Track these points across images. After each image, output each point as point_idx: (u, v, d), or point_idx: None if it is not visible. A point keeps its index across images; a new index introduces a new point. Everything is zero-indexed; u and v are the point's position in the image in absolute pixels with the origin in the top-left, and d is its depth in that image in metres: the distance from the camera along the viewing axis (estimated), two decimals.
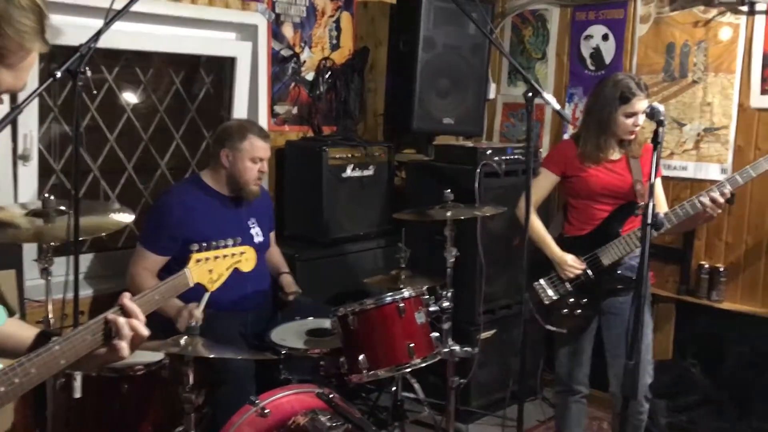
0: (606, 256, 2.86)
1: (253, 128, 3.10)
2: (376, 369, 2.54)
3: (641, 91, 2.78)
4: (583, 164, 2.88)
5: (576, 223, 2.97)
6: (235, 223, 3.08)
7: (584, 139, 2.89)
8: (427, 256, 3.31)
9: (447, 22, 3.87)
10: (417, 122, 3.86)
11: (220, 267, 1.74)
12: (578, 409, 3.10)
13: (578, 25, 4.11)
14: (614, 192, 2.87)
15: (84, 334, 1.36)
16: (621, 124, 2.80)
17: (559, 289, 2.96)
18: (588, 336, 3.00)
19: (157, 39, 3.38)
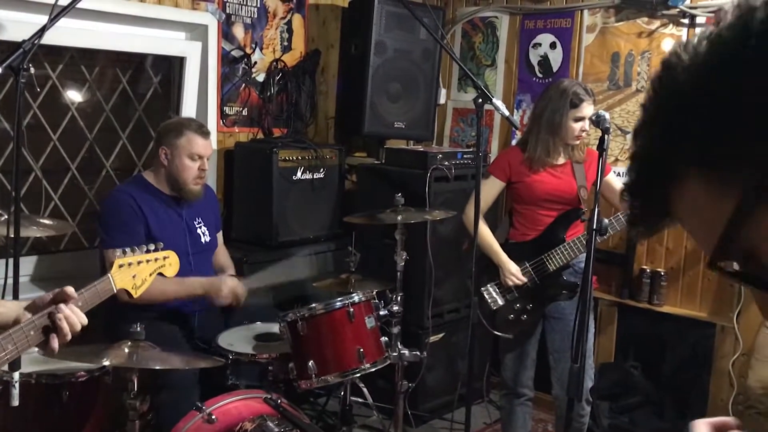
0: (551, 262, 2.90)
1: (192, 125, 3.02)
2: (325, 374, 2.53)
3: (589, 96, 2.84)
4: (530, 170, 2.91)
5: (521, 229, 3.00)
6: (180, 223, 3.03)
7: (533, 144, 2.90)
8: (376, 260, 3.31)
9: (398, 26, 3.89)
10: (368, 126, 3.88)
11: (144, 272, 1.73)
12: (523, 412, 3.14)
13: (527, 33, 4.18)
14: (559, 197, 2.91)
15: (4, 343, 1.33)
16: (569, 129, 2.84)
17: (506, 295, 2.99)
18: (533, 340, 3.05)
19: (104, 37, 3.31)
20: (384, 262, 3.18)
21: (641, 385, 3.63)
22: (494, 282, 2.99)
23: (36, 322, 1.35)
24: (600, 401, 3.58)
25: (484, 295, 3.00)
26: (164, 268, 1.78)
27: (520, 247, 2.98)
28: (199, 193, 3.04)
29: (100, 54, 3.45)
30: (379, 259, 3.28)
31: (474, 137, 4.35)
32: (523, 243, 2.98)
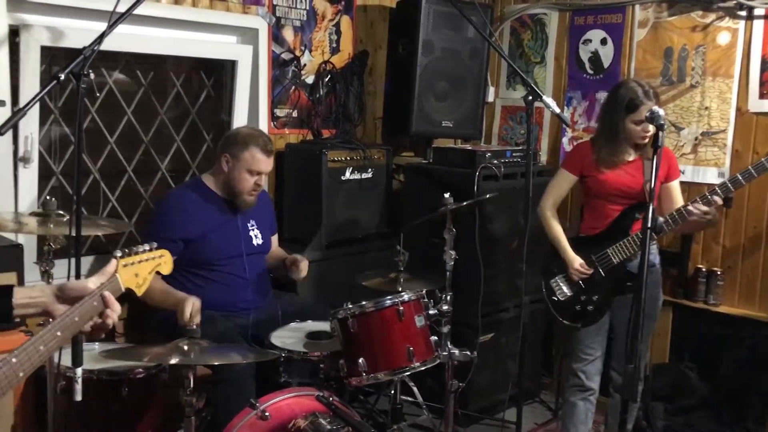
0: (616, 255, 2.92)
1: (259, 140, 3.04)
2: (375, 372, 2.54)
3: (649, 99, 2.82)
4: (599, 167, 2.96)
5: (590, 222, 3.05)
6: (233, 226, 3.09)
7: (598, 146, 2.97)
8: (425, 259, 3.31)
9: (446, 25, 3.89)
10: (416, 125, 3.88)
11: (144, 271, 1.77)
12: (586, 408, 3.12)
13: (577, 30, 4.13)
14: (625, 192, 2.93)
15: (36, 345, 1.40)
16: (631, 131, 2.86)
17: (572, 287, 3.03)
18: (602, 333, 3.04)
19: (159, 42, 3.39)
20: (432, 262, 3.18)
21: (697, 386, 3.55)
22: (563, 273, 3.04)
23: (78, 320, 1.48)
24: (654, 402, 3.51)
25: (551, 286, 3.06)
26: (160, 267, 1.82)
27: (588, 241, 3.02)
28: (253, 203, 3.10)
29: (155, 59, 3.54)
30: (427, 258, 3.28)
31: (523, 135, 4.34)
32: (591, 236, 3.02)
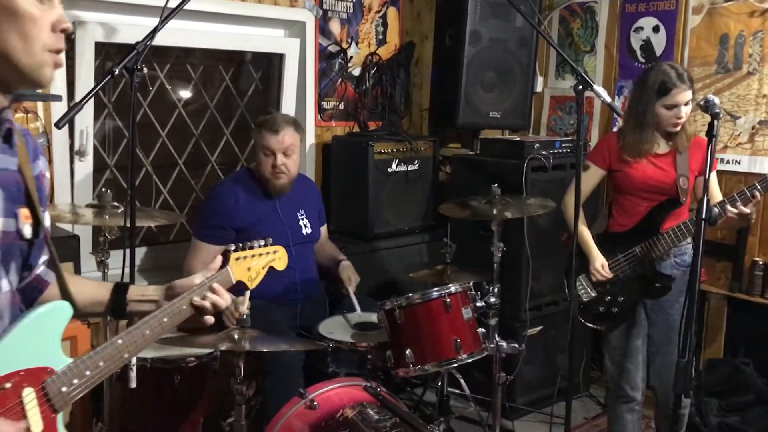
0: (644, 254, 2.79)
1: (267, 122, 3.05)
2: (422, 363, 2.54)
3: (682, 82, 2.66)
4: (626, 158, 2.80)
5: (619, 219, 2.90)
6: (282, 215, 3.11)
7: (624, 132, 2.81)
8: (471, 251, 3.30)
9: (493, 15, 3.84)
10: (463, 116, 3.86)
11: (257, 265, 1.81)
12: (632, 419, 2.97)
13: (628, 17, 4.04)
14: (656, 187, 2.79)
15: (143, 329, 1.46)
16: (662, 117, 2.70)
17: (596, 286, 2.90)
18: (641, 335, 2.91)
19: (209, 36, 3.44)
20: (479, 254, 3.16)
21: (753, 382, 3.45)
22: (586, 272, 2.91)
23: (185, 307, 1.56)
24: (708, 398, 3.43)
25: (576, 286, 2.91)
26: (274, 262, 1.86)
27: (616, 238, 2.88)
28: (283, 187, 3.08)
29: (205, 53, 3.60)
30: (475, 250, 3.27)
31: (572, 125, 4.27)
32: (619, 234, 2.88)
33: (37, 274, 1.46)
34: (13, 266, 1.32)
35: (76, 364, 1.33)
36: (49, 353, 1.31)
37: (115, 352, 1.39)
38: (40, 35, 1.23)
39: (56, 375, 1.31)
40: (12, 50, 1.22)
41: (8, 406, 1.23)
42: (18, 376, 1.25)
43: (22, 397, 1.25)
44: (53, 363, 1.31)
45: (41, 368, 1.29)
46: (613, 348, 2.95)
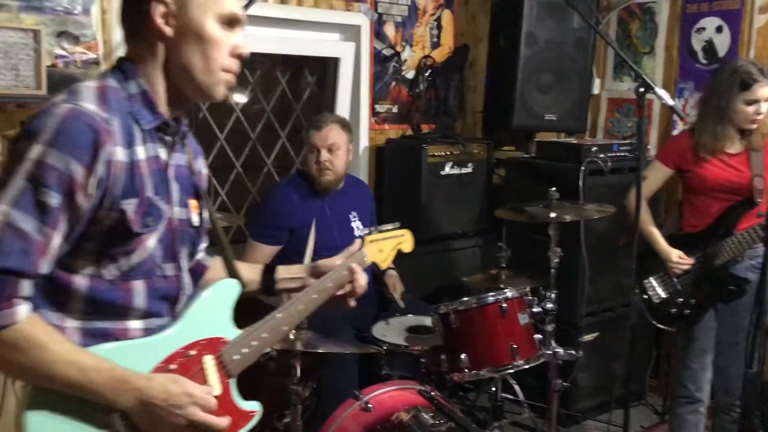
0: (718, 255, 2.74)
1: (314, 119, 3.13)
2: (477, 368, 2.53)
3: (763, 76, 2.62)
4: (699, 157, 2.76)
5: (690, 220, 2.88)
6: (330, 215, 3.12)
7: (699, 129, 2.76)
8: (526, 256, 3.26)
9: (550, 16, 3.80)
10: (518, 119, 3.82)
11: (387, 247, 1.92)
12: (696, 420, 2.92)
13: (689, 18, 3.94)
14: (729, 187, 2.74)
15: (296, 305, 1.64)
16: (741, 113, 2.66)
17: (668, 288, 2.87)
18: (709, 338, 2.85)
19: (266, 41, 3.49)
20: (534, 258, 3.13)
21: None
22: (657, 274, 2.88)
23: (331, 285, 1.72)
24: None
25: (645, 287, 2.91)
26: (402, 245, 1.96)
27: (687, 239, 2.84)
28: (329, 184, 3.10)
29: (263, 57, 3.65)
30: (530, 255, 3.23)
31: (630, 128, 4.18)
32: (690, 234, 2.84)
33: (198, 260, 1.62)
34: (185, 250, 1.49)
35: (244, 336, 1.51)
36: (222, 325, 1.49)
37: (275, 325, 1.58)
38: (220, 57, 1.37)
39: (229, 344, 1.48)
40: (194, 68, 1.37)
41: (193, 371, 1.40)
42: (199, 344, 1.43)
43: (203, 363, 1.43)
44: (226, 334, 1.48)
45: (217, 338, 1.47)
46: (680, 348, 2.92)
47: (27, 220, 1.20)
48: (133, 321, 1.37)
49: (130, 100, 1.35)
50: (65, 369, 1.23)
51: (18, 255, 1.19)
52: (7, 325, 1.19)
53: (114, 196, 1.28)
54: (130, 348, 1.34)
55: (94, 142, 1.24)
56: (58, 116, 1.23)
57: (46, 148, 1.21)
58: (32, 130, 1.23)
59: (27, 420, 1.23)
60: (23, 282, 1.21)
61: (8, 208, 1.20)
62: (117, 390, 1.27)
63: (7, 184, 1.21)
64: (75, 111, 1.24)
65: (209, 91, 1.40)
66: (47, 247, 1.23)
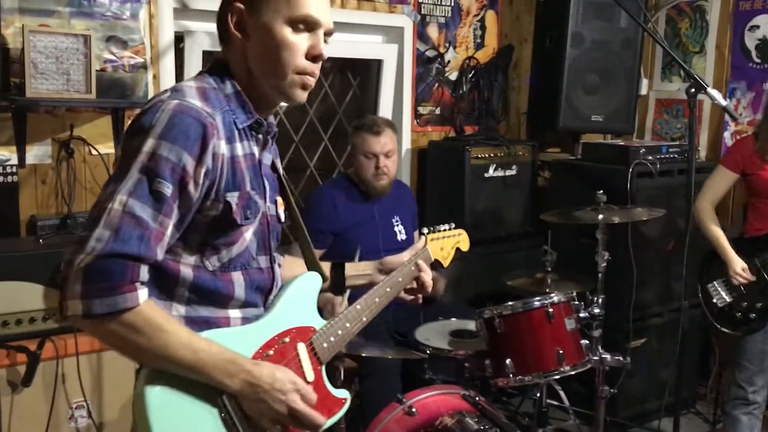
0: None
1: (366, 124, 3.07)
2: (523, 374, 2.49)
3: None
4: (763, 161, 2.77)
5: (755, 223, 2.87)
6: (373, 219, 3.11)
7: (765, 132, 2.77)
8: (572, 260, 3.20)
9: (596, 16, 3.74)
10: (563, 120, 3.76)
11: (447, 245, 1.97)
12: (751, 423, 2.90)
13: (742, 15, 3.83)
14: None
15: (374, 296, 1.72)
16: None
17: (733, 292, 2.86)
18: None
19: None
20: (581, 262, 3.07)
21: None
22: (722, 277, 2.88)
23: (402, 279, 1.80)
24: None
25: (710, 291, 2.92)
26: (460, 243, 2.02)
27: (753, 243, 2.84)
28: (384, 189, 3.08)
29: None
30: (576, 258, 3.17)
31: (679, 129, 4.09)
32: (756, 238, 2.84)
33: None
34: (274, 245, 1.55)
35: (331, 325, 1.58)
36: (310, 315, 1.56)
37: (356, 315, 1.64)
38: (294, 60, 1.40)
39: (318, 333, 1.54)
40: (266, 71, 1.42)
41: (288, 358, 1.46)
42: (292, 332, 1.49)
43: (297, 350, 1.49)
44: (314, 323, 1.55)
45: (307, 327, 1.53)
46: (741, 350, 2.90)
47: (144, 209, 1.26)
48: (232, 310, 1.44)
49: (227, 99, 1.41)
50: (181, 351, 1.27)
51: (137, 241, 1.24)
52: (130, 307, 1.23)
53: (219, 188, 1.35)
54: (231, 334, 1.39)
55: (203, 135, 1.30)
56: (168, 111, 1.30)
57: (159, 141, 1.28)
58: (144, 124, 1.30)
59: (147, 395, 1.28)
60: (142, 267, 1.26)
61: (126, 197, 1.25)
62: (227, 371, 1.31)
63: (123, 176, 1.27)
64: (183, 106, 1.31)
65: (286, 94, 1.44)
66: (163, 235, 1.29)
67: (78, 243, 1.23)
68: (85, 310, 1.21)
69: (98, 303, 1.21)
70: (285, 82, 1.42)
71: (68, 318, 1.22)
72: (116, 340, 1.26)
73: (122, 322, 1.24)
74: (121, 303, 1.22)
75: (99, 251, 1.21)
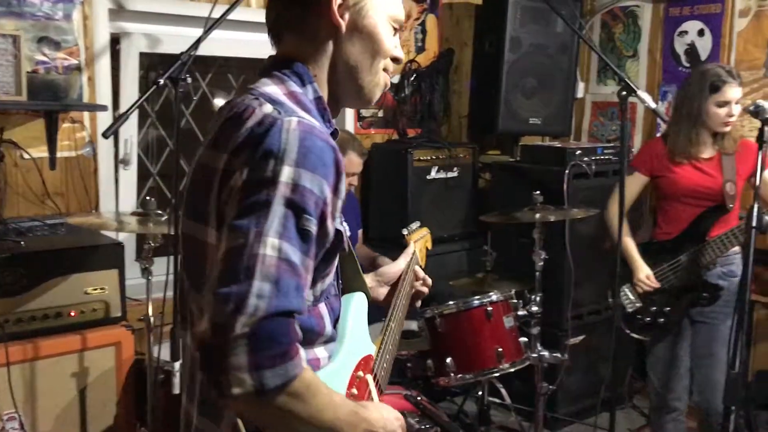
0: (690, 263, 2.72)
1: (354, 144, 3.16)
2: (464, 372, 2.53)
3: (733, 78, 2.63)
4: (672, 162, 2.75)
5: (663, 227, 2.86)
6: None
7: (674, 133, 2.75)
8: (512, 260, 3.26)
9: (534, 21, 3.82)
10: (503, 123, 3.83)
11: (422, 245, 1.91)
12: (676, 429, 2.91)
13: (672, 21, 3.97)
14: (702, 193, 2.73)
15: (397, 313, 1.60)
16: (713, 115, 2.65)
17: (642, 297, 2.84)
18: (684, 345, 2.85)
19: (249, 45, 3.48)
20: (520, 262, 3.13)
21: None
22: (631, 282, 2.85)
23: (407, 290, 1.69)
24: (757, 411, 3.33)
25: (620, 296, 2.86)
26: (427, 242, 1.96)
27: (661, 247, 2.83)
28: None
29: (245, 62, 3.63)
30: (516, 258, 3.23)
31: (614, 131, 4.21)
32: (664, 242, 2.83)
33: None
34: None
35: (381, 349, 1.44)
36: (366, 341, 1.40)
37: (393, 334, 1.53)
38: (384, 58, 1.27)
39: (375, 360, 1.41)
40: (361, 67, 1.25)
41: (365, 392, 1.32)
42: (360, 365, 1.34)
43: (368, 383, 1.35)
44: (371, 350, 1.40)
45: (368, 356, 1.38)
46: (656, 358, 2.90)
47: (295, 252, 1.04)
48: (319, 348, 1.24)
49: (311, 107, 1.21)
50: (326, 412, 1.08)
51: (294, 293, 1.03)
52: (299, 373, 1.01)
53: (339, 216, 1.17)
54: (325, 378, 1.15)
55: (335, 161, 1.10)
56: (294, 132, 1.07)
57: (298, 169, 1.05)
58: (272, 148, 1.06)
59: None
60: (297, 322, 1.05)
61: (278, 241, 1.02)
62: (353, 424, 1.13)
63: (265, 212, 1.03)
64: (306, 125, 1.09)
65: (370, 94, 1.28)
66: (308, 280, 1.08)
67: (229, 301, 0.98)
68: (257, 386, 0.97)
69: (270, 374, 0.98)
70: (374, 80, 1.27)
71: (231, 397, 0.98)
72: (281, 416, 1.03)
73: (291, 392, 1.01)
74: (291, 370, 1.00)
75: (264, 311, 0.98)
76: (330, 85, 1.26)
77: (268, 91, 1.16)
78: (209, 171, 1.13)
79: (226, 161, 1.10)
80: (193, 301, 1.20)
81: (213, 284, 1.01)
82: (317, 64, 1.24)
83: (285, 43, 1.26)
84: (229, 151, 1.10)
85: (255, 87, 1.19)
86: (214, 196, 1.11)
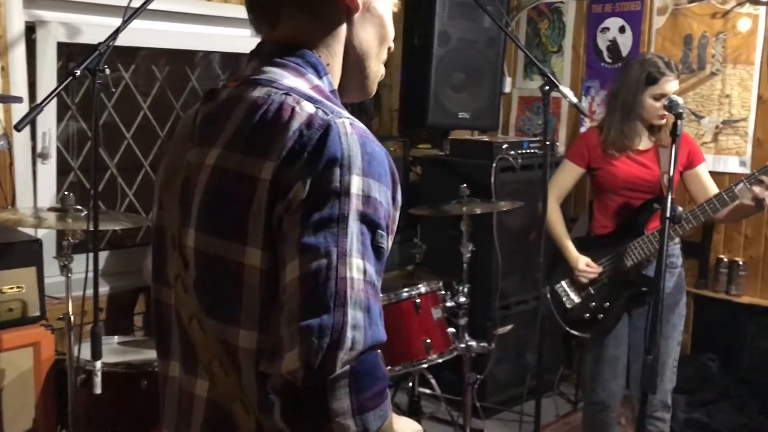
0: (629, 257, 2.66)
1: None
2: (393, 365, 2.54)
3: (670, 71, 2.57)
4: (608, 154, 2.67)
5: (601, 220, 2.77)
6: None
7: (608, 125, 2.67)
8: (442, 252, 3.30)
9: (462, 15, 3.86)
10: (432, 117, 3.86)
11: None
12: (606, 423, 2.83)
13: (594, 18, 4.09)
14: (639, 185, 2.66)
15: None
16: (649, 108, 2.58)
17: (580, 293, 2.79)
18: (622, 343, 2.77)
19: (174, 36, 3.40)
20: (450, 254, 3.17)
21: (718, 378, 3.51)
22: (568, 278, 2.80)
23: None
24: (675, 395, 3.48)
25: (557, 292, 2.83)
26: None
27: (598, 241, 2.76)
28: None
29: (171, 53, 3.55)
30: (445, 251, 3.27)
31: (541, 126, 4.30)
32: (601, 236, 2.76)
33: None
34: None
35: None
36: None
37: None
38: (388, 44, 1.14)
39: None
40: (370, 53, 1.11)
41: None
42: None
43: None
44: None
45: None
46: (593, 356, 2.82)
47: (375, 274, 0.93)
48: None
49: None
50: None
51: (379, 320, 0.92)
52: (388, 416, 0.91)
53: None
54: None
55: (392, 168, 0.98)
56: (353, 137, 0.94)
57: (366, 179, 0.93)
58: (336, 155, 0.92)
59: None
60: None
61: (362, 262, 0.90)
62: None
63: (342, 228, 0.90)
64: (360, 129, 0.96)
65: (372, 85, 1.15)
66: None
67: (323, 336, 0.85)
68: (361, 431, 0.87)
69: (373, 416, 0.87)
70: (378, 69, 1.13)
71: None
72: None
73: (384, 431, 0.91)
74: (388, 409, 0.90)
75: (362, 344, 0.87)
76: (345, 72, 1.11)
77: (293, 85, 1.00)
78: (244, 180, 0.95)
79: (277, 170, 0.93)
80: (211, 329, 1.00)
81: (294, 314, 0.87)
82: (330, 51, 1.07)
83: (287, 24, 1.06)
84: (277, 158, 0.93)
85: (272, 79, 1.01)
86: (260, 210, 0.94)
